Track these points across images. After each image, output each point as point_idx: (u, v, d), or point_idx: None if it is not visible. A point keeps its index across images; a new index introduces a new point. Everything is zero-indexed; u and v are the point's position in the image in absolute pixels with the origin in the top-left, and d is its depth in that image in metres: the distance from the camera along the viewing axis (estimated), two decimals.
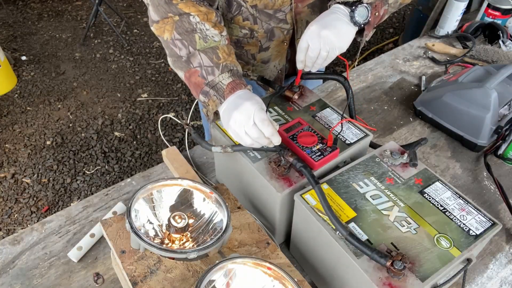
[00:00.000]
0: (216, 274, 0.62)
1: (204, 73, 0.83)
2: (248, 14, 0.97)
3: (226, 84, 0.81)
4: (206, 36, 0.85)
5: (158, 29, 0.86)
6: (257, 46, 1.05)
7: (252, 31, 1.01)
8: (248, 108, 0.76)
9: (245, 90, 0.82)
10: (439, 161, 1.14)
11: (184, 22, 0.84)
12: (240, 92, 0.81)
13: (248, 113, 0.76)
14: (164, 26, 0.85)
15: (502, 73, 1.12)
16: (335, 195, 0.76)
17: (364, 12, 0.82)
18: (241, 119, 0.76)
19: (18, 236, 0.93)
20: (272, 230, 0.87)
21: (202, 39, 0.84)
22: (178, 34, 0.84)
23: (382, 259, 0.64)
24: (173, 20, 0.84)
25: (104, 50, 3.33)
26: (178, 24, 0.84)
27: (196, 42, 0.84)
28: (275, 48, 1.06)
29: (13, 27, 3.56)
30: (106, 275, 0.86)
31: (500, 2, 1.59)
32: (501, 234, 0.97)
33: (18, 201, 2.20)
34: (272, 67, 1.11)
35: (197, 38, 0.84)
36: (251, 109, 0.76)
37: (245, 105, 0.77)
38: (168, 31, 0.85)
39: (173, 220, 0.70)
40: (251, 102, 0.77)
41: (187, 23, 0.84)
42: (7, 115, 2.71)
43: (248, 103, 0.77)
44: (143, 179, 1.07)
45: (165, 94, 2.92)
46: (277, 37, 1.03)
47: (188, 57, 0.84)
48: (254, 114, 0.76)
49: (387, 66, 1.49)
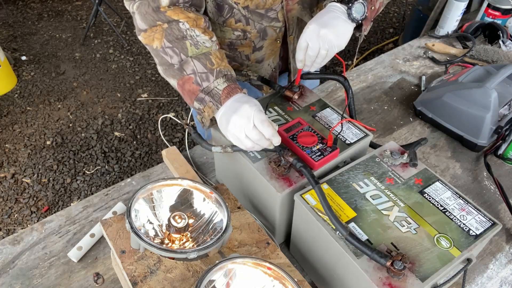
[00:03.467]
0: (216, 274, 0.62)
1: (198, 79, 0.82)
2: (240, 16, 0.98)
3: (222, 89, 0.81)
4: (197, 42, 0.84)
5: (147, 37, 0.85)
6: (250, 46, 1.05)
7: (245, 32, 1.02)
8: (247, 110, 0.76)
9: (241, 94, 0.81)
10: (439, 161, 1.14)
11: (173, 29, 0.83)
12: (236, 96, 0.80)
13: (248, 115, 0.76)
14: (153, 34, 0.84)
15: (502, 73, 1.12)
16: (335, 195, 0.76)
17: (361, 8, 0.83)
18: (241, 122, 0.76)
19: (18, 236, 0.93)
20: (272, 230, 0.87)
21: (193, 45, 0.83)
22: (168, 42, 0.83)
23: (382, 259, 0.64)
24: (162, 28, 0.83)
25: (104, 50, 3.33)
26: (167, 32, 0.83)
27: (187, 49, 0.83)
28: (269, 47, 1.06)
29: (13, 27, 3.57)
30: (106, 275, 0.86)
31: (500, 2, 1.59)
32: (501, 234, 0.97)
33: (18, 201, 2.20)
34: (266, 66, 1.11)
35: (188, 45, 0.83)
36: (250, 112, 0.76)
37: (243, 108, 0.76)
38: (158, 40, 0.83)
39: (173, 220, 0.70)
40: (249, 105, 0.77)
41: (177, 30, 0.83)
42: (7, 115, 2.71)
43: (246, 105, 0.76)
44: (143, 179, 1.07)
45: (165, 94, 2.92)
46: (270, 36, 1.03)
47: (181, 64, 0.83)
48: (254, 116, 0.75)
49: (387, 66, 1.49)
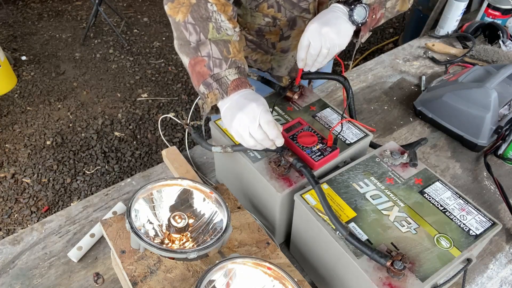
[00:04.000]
0: (216, 274, 0.62)
1: (211, 64, 0.80)
2: (273, 2, 0.98)
3: (232, 80, 0.79)
4: (220, 27, 0.82)
5: (172, 8, 0.83)
6: (278, 34, 1.06)
7: (275, 19, 1.02)
8: (253, 109, 0.75)
9: (249, 90, 0.80)
10: (439, 161, 1.14)
11: (201, 7, 0.82)
12: (244, 92, 0.79)
13: (254, 114, 0.75)
14: (179, 7, 0.82)
15: (502, 73, 1.12)
16: (335, 195, 0.76)
17: (362, 12, 0.84)
18: (246, 120, 0.75)
19: (18, 236, 0.93)
20: (272, 230, 0.87)
21: (215, 29, 0.82)
22: (192, 18, 0.81)
23: (382, 259, 0.64)
24: (190, 2, 0.82)
25: (104, 50, 3.33)
26: (194, 8, 0.81)
27: (208, 31, 0.81)
28: (296, 37, 1.07)
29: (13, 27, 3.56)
30: (106, 275, 0.86)
31: (500, 2, 1.59)
32: (501, 234, 0.97)
33: (18, 201, 2.20)
34: (290, 57, 1.12)
35: (210, 27, 0.81)
36: (256, 111, 0.75)
37: (250, 106, 0.76)
38: (182, 13, 0.82)
39: (173, 220, 0.70)
40: (256, 104, 0.76)
41: (204, 9, 0.82)
42: (7, 115, 2.71)
43: (253, 104, 0.76)
44: (143, 179, 1.07)
45: (165, 94, 2.92)
46: (299, 26, 1.04)
47: (198, 44, 0.81)
48: (260, 116, 0.75)
49: (387, 66, 1.49)
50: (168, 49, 3.37)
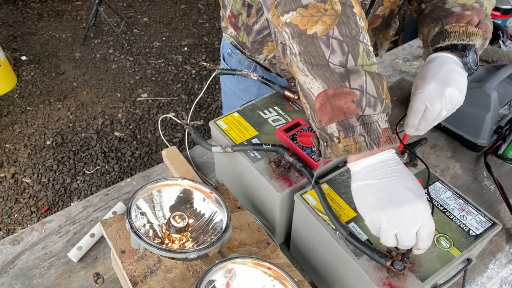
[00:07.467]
0: (216, 274, 0.62)
1: (364, 101, 0.58)
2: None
3: (383, 129, 0.60)
4: (369, 52, 0.61)
5: (303, 18, 0.60)
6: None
7: None
8: (419, 209, 0.57)
9: (392, 152, 0.61)
10: (439, 161, 1.14)
11: (350, 20, 0.60)
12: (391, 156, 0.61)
13: (417, 218, 0.57)
14: (320, 16, 0.59)
15: (502, 73, 1.12)
16: (335, 195, 0.76)
17: (474, 57, 0.72)
18: (404, 223, 0.57)
19: (18, 236, 0.93)
20: (272, 230, 0.87)
21: (366, 53, 0.60)
22: (339, 33, 0.59)
23: (382, 259, 0.64)
24: (335, 10, 0.59)
25: (104, 50, 3.33)
26: (342, 20, 0.59)
27: (359, 54, 0.60)
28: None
29: (13, 27, 3.57)
30: (106, 275, 0.86)
31: (500, 2, 1.59)
32: (501, 234, 0.97)
33: (18, 201, 2.20)
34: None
35: (361, 49, 0.60)
36: (424, 214, 0.57)
37: (414, 203, 0.57)
38: (325, 24, 0.59)
39: (173, 220, 0.70)
40: (423, 201, 0.57)
41: (354, 23, 0.60)
42: (7, 115, 2.71)
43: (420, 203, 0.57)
44: (143, 179, 1.07)
45: (165, 94, 2.92)
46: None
47: (347, 71, 0.59)
48: (424, 223, 0.57)
49: (387, 66, 1.49)
50: (168, 49, 3.37)
